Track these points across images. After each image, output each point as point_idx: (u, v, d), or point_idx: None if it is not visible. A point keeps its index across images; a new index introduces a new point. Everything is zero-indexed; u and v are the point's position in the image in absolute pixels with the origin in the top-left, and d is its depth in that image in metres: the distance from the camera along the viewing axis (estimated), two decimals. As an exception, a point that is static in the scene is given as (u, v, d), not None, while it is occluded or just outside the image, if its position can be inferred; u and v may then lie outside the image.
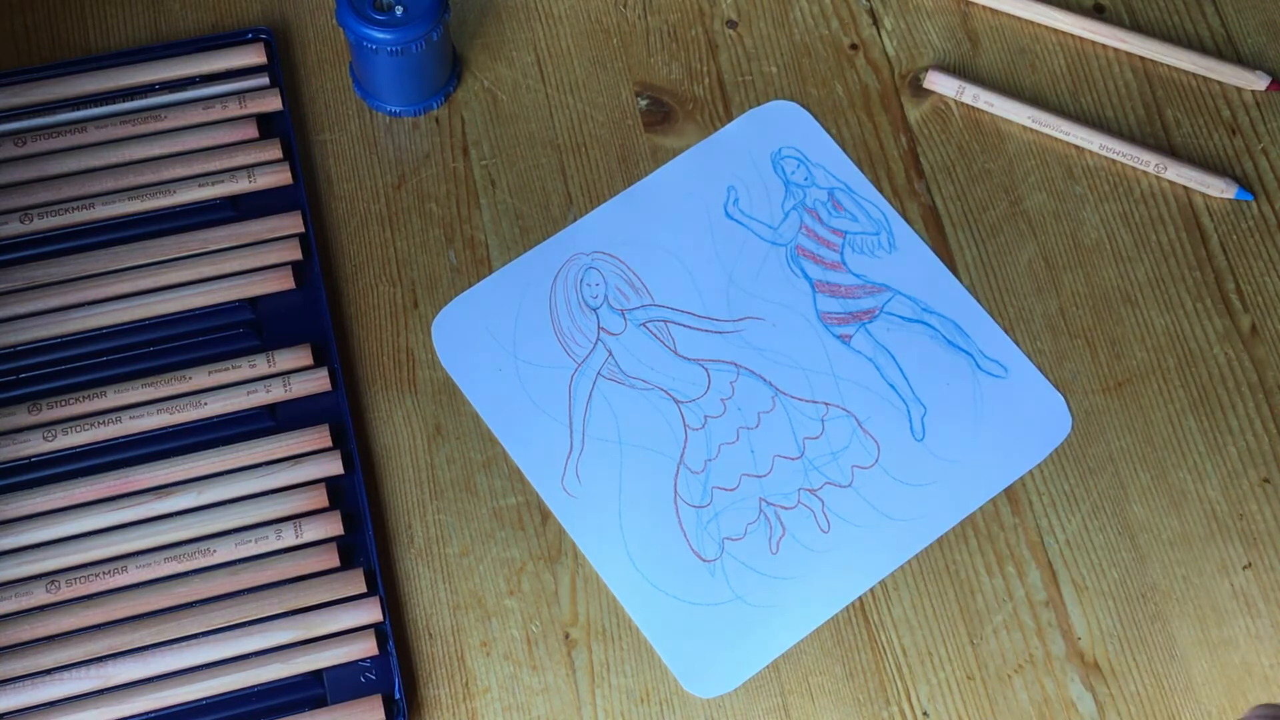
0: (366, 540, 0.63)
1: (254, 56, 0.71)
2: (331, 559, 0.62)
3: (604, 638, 0.63)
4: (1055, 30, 0.75)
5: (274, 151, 0.69)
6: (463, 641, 0.63)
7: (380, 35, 0.66)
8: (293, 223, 0.68)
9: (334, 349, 0.66)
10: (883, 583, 0.64)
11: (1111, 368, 0.68)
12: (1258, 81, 0.73)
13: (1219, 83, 0.74)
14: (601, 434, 0.66)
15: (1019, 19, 0.75)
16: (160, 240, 0.68)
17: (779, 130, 0.73)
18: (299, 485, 0.64)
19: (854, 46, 0.75)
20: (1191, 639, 0.63)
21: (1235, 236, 0.71)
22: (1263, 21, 0.76)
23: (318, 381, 0.65)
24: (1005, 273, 0.70)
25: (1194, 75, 0.74)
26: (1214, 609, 0.64)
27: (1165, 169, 0.71)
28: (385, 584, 0.63)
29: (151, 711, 0.60)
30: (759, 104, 0.73)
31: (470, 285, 0.69)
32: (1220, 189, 0.71)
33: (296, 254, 0.68)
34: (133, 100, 0.70)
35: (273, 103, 0.71)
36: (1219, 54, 0.75)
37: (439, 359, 0.67)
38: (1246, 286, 0.70)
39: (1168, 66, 0.74)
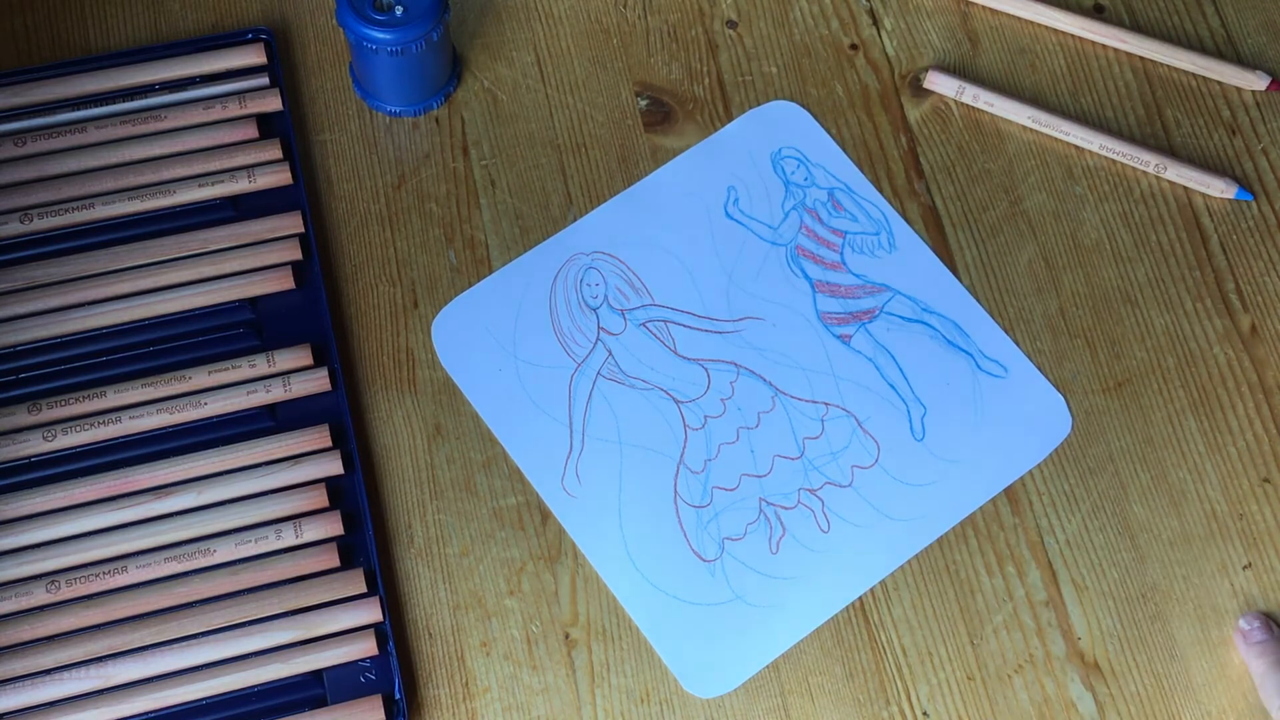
0: (366, 540, 0.63)
1: (254, 56, 0.71)
2: (331, 559, 0.62)
3: (604, 638, 0.63)
4: (1055, 30, 0.75)
5: (274, 151, 0.69)
6: (463, 641, 0.63)
7: (380, 35, 0.66)
8: (293, 223, 0.68)
9: (334, 349, 0.66)
10: (883, 583, 0.64)
11: (1111, 368, 0.68)
12: (1258, 81, 0.73)
13: (1219, 83, 0.74)
14: (601, 434, 0.66)
15: (1019, 19, 0.75)
16: (160, 240, 0.68)
17: (779, 130, 0.73)
18: (299, 485, 0.64)
19: (854, 46, 0.75)
20: (1191, 639, 0.63)
21: (1235, 236, 0.71)
22: (1263, 21, 0.76)
23: (318, 381, 0.65)
24: (1005, 273, 0.70)
25: (1194, 75, 0.74)
26: (1214, 609, 0.64)
27: (1165, 169, 0.71)
28: (385, 584, 0.63)
29: (151, 711, 0.60)
30: (759, 104, 0.73)
31: (470, 285, 0.69)
32: (1220, 189, 0.71)
33: (296, 254, 0.68)
34: (133, 100, 0.70)
35: (273, 103, 0.71)
36: (1219, 54, 0.75)
37: (439, 359, 0.67)
38: (1246, 286, 0.70)
39: (1168, 66, 0.74)
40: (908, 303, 0.69)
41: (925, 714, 0.62)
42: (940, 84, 0.73)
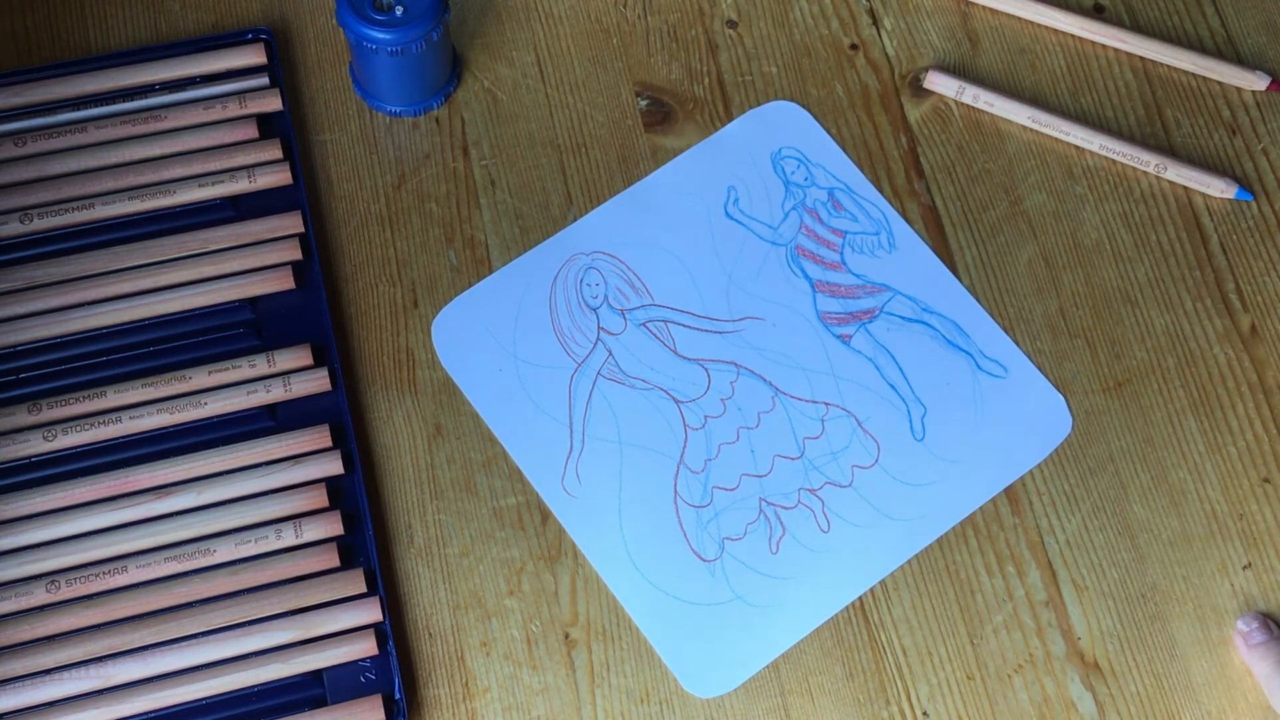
0: (366, 540, 0.63)
1: (254, 56, 0.71)
2: (331, 559, 0.62)
3: (604, 638, 0.63)
4: (1055, 30, 0.75)
5: (274, 151, 0.69)
6: (463, 641, 0.63)
7: (380, 35, 0.66)
8: (293, 223, 0.68)
9: (334, 349, 0.66)
10: (883, 583, 0.64)
11: (1111, 368, 0.68)
12: (1258, 81, 0.73)
13: (1219, 83, 0.74)
14: (601, 434, 0.66)
15: (1019, 19, 0.75)
16: (160, 240, 0.68)
17: (779, 130, 0.73)
18: (299, 485, 0.64)
19: (854, 46, 0.75)
20: (1191, 639, 0.63)
21: (1235, 236, 0.71)
22: (1263, 21, 0.76)
23: (318, 381, 0.65)
24: (1005, 273, 0.70)
25: (1194, 75, 0.74)
26: (1214, 609, 0.64)
27: (1165, 169, 0.71)
28: (385, 584, 0.63)
29: (151, 711, 0.60)
30: (759, 104, 0.73)
31: (470, 285, 0.69)
32: (1220, 189, 0.71)
33: (296, 254, 0.68)
34: (133, 100, 0.70)
35: (273, 103, 0.71)
36: (1219, 54, 0.75)
37: (439, 359, 0.67)
38: (1246, 286, 0.70)
39: (1168, 66, 0.74)
40: (908, 303, 0.69)
41: (925, 714, 0.62)
42: (940, 84, 0.73)
